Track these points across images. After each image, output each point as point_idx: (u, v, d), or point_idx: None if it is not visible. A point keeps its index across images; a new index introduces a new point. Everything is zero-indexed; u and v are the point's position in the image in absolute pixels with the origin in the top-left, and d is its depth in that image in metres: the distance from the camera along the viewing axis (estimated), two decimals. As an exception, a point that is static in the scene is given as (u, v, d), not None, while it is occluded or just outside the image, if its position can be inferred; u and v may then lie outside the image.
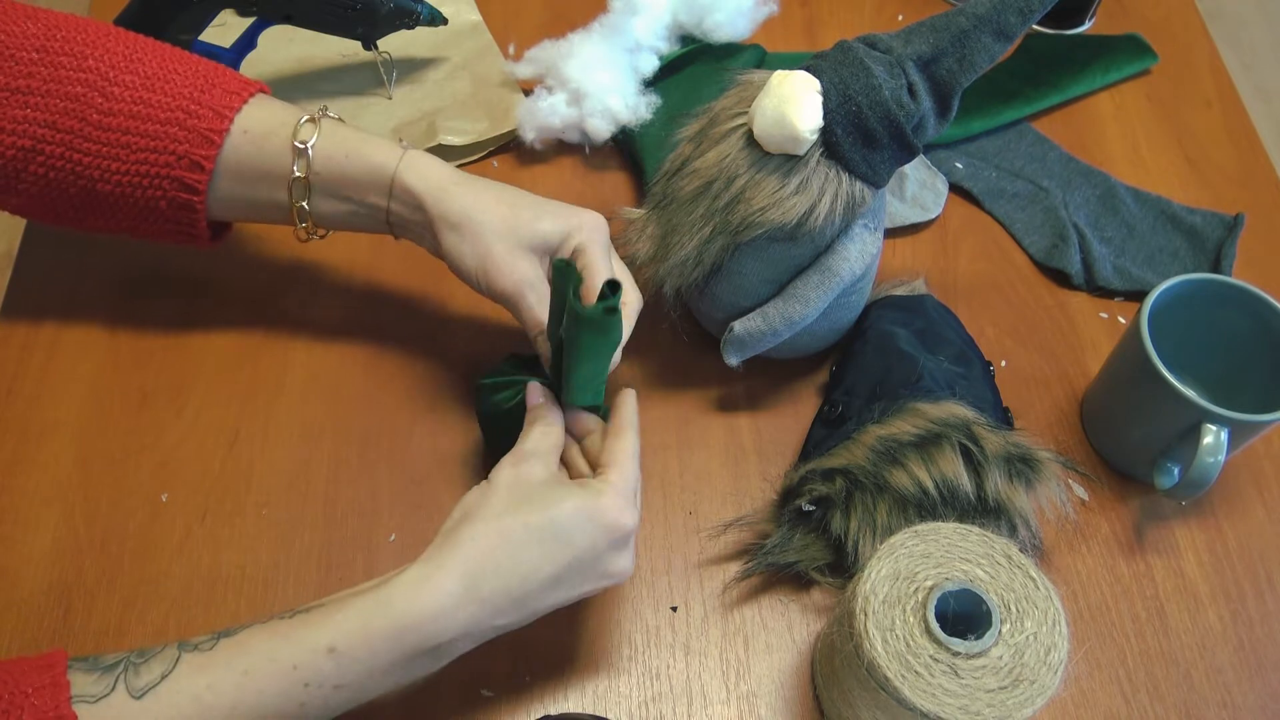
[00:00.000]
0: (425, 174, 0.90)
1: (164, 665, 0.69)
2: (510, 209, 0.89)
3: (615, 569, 0.78)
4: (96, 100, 0.89)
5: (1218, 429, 0.88)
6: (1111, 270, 1.13)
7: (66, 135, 0.89)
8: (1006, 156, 1.23)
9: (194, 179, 0.90)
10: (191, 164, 0.90)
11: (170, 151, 0.90)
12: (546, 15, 1.32)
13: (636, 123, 1.16)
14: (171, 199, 0.92)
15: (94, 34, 0.91)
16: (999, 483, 0.87)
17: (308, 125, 0.90)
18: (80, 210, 0.94)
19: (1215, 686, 0.90)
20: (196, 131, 0.89)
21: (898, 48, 0.87)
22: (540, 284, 0.88)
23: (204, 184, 0.91)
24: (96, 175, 0.90)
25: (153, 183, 0.91)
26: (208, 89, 0.91)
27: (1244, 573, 0.96)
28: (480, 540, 0.74)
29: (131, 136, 0.89)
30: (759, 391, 1.03)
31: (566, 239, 0.89)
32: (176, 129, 0.89)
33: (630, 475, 0.80)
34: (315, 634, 0.71)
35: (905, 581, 0.77)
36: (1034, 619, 0.75)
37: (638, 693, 0.87)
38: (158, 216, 0.93)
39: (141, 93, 0.89)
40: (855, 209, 0.89)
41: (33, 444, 0.96)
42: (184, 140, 0.89)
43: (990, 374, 1.02)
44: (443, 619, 0.72)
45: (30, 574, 0.89)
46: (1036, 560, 0.80)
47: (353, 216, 0.93)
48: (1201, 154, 1.26)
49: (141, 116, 0.89)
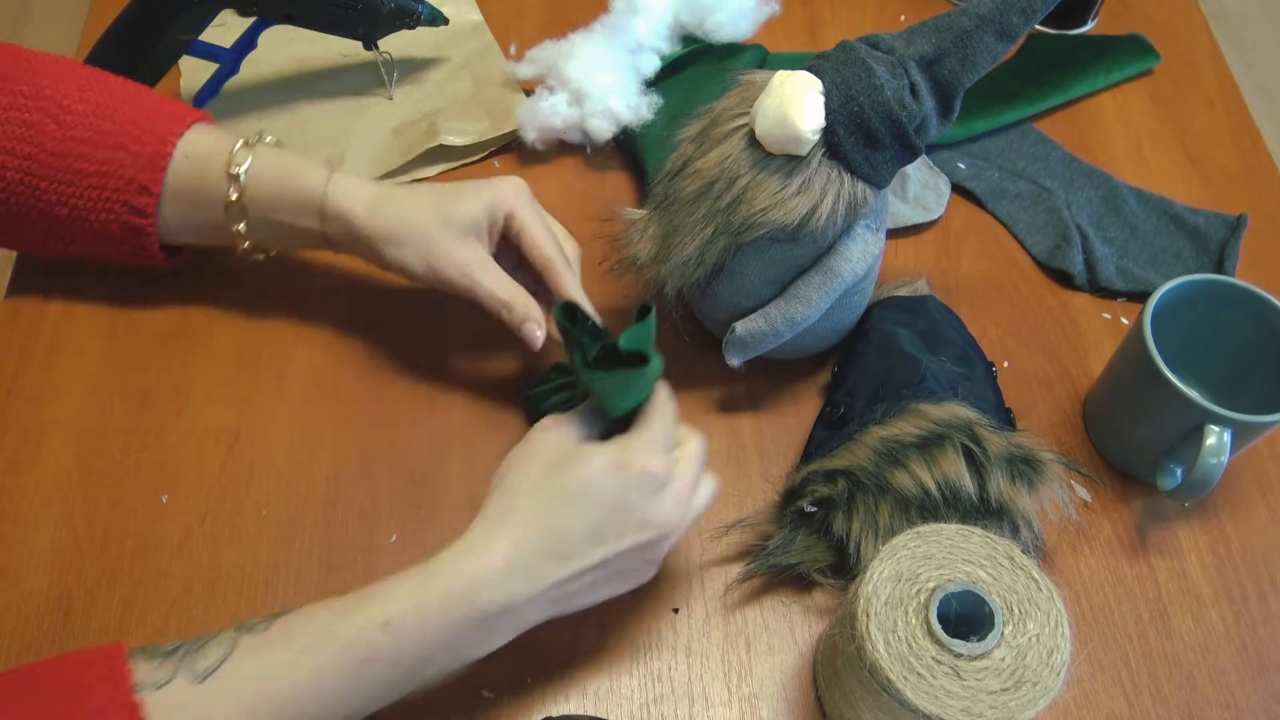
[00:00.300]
0: (352, 192, 0.94)
1: (223, 648, 0.70)
2: (434, 203, 0.93)
3: (655, 516, 0.79)
4: (50, 127, 0.92)
5: (1221, 430, 0.88)
6: (1114, 271, 1.13)
7: (24, 161, 0.93)
8: (1009, 157, 1.23)
9: (142, 203, 0.94)
10: (139, 188, 0.93)
11: (119, 176, 0.93)
12: (547, 15, 1.32)
13: (638, 123, 1.16)
14: (123, 223, 0.95)
15: (51, 66, 0.95)
16: (1001, 484, 0.87)
17: (242, 150, 0.94)
18: (41, 235, 0.97)
19: (1218, 688, 0.90)
20: (142, 156, 0.93)
21: (900, 48, 0.87)
22: (485, 261, 0.93)
23: (152, 207, 0.94)
24: (54, 200, 0.94)
25: (105, 207, 0.94)
26: (153, 116, 0.94)
27: (1247, 574, 0.96)
28: (520, 509, 0.77)
29: (83, 162, 0.93)
30: (761, 392, 1.03)
31: (494, 210, 0.93)
32: (124, 154, 0.93)
33: (659, 429, 0.80)
34: (368, 609, 0.72)
35: (907, 583, 0.76)
36: (1036, 620, 0.75)
37: (639, 694, 0.87)
38: (111, 239, 0.97)
39: (92, 119, 0.93)
40: (857, 209, 0.88)
41: (33, 444, 0.96)
42: (130, 165, 0.93)
43: (993, 374, 1.02)
44: (488, 587, 0.74)
45: (30, 574, 0.89)
46: (1039, 561, 0.79)
47: (292, 238, 0.97)
48: (1204, 154, 1.26)
49: (92, 143, 0.93)
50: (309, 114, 1.20)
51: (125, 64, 1.07)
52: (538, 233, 0.93)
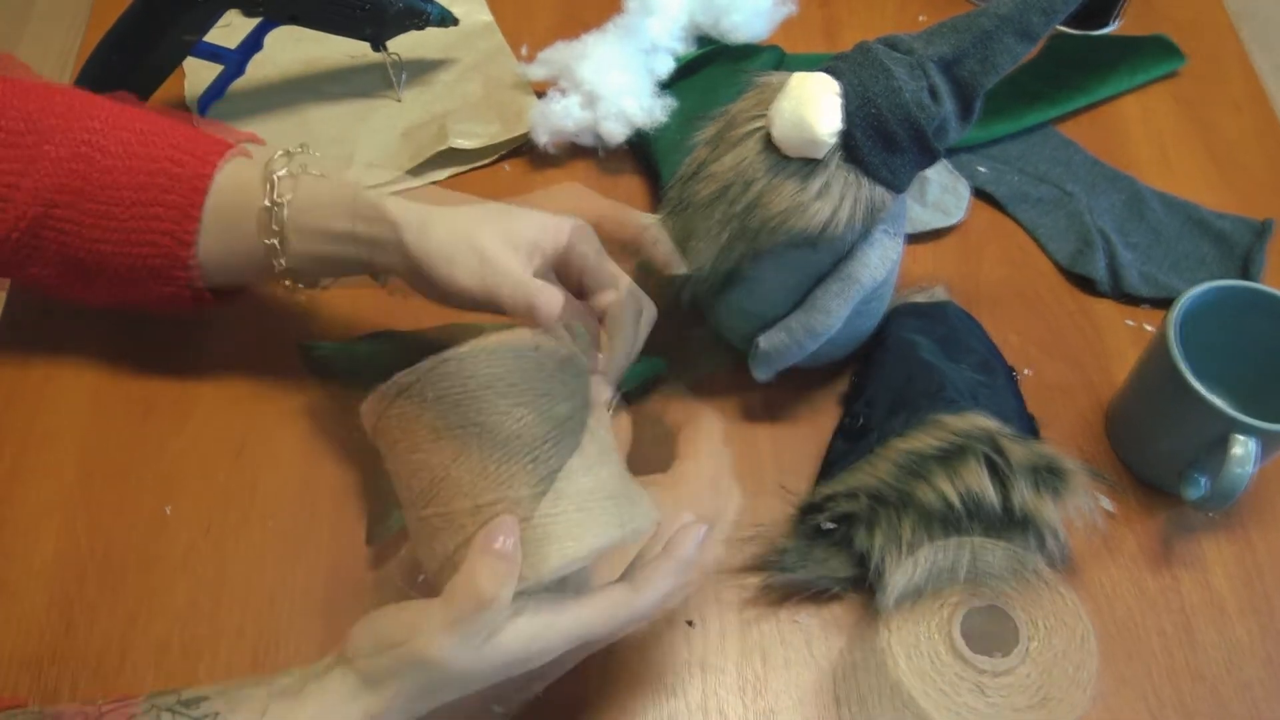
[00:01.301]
0: (401, 205, 0.85)
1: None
2: (491, 221, 0.84)
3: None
4: (96, 158, 0.89)
5: (1247, 439, 0.87)
6: (1138, 276, 1.12)
7: (72, 197, 0.89)
8: (1030, 160, 1.22)
9: (184, 230, 0.90)
10: (181, 214, 0.89)
11: (159, 203, 0.89)
12: (559, 16, 1.32)
13: (652, 125, 1.15)
14: (165, 253, 0.91)
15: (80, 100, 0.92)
16: (1026, 494, 0.86)
17: (281, 158, 0.88)
18: (88, 276, 0.93)
19: (1244, 702, 0.89)
20: (182, 179, 0.89)
21: (919, 49, 0.86)
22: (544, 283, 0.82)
23: (193, 234, 0.90)
24: (99, 235, 0.90)
25: (144, 238, 0.90)
26: (193, 144, 0.91)
27: (1273, 586, 0.95)
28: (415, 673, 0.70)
29: (126, 191, 0.89)
30: (777, 401, 1.02)
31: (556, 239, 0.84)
32: (164, 179, 0.89)
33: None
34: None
35: (930, 598, 0.76)
36: (1062, 636, 0.75)
37: (653, 710, 0.86)
38: (154, 275, 0.92)
39: (136, 147, 0.90)
40: (875, 214, 0.88)
41: (34, 454, 0.96)
42: (172, 189, 0.89)
43: (1014, 381, 1.02)
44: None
45: (31, 587, 0.89)
46: (1064, 572, 0.78)
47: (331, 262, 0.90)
48: (1230, 158, 1.25)
49: (134, 170, 0.89)
50: (316, 116, 1.20)
51: (127, 66, 1.07)
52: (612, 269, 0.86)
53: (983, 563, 0.77)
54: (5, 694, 0.83)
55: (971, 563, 0.78)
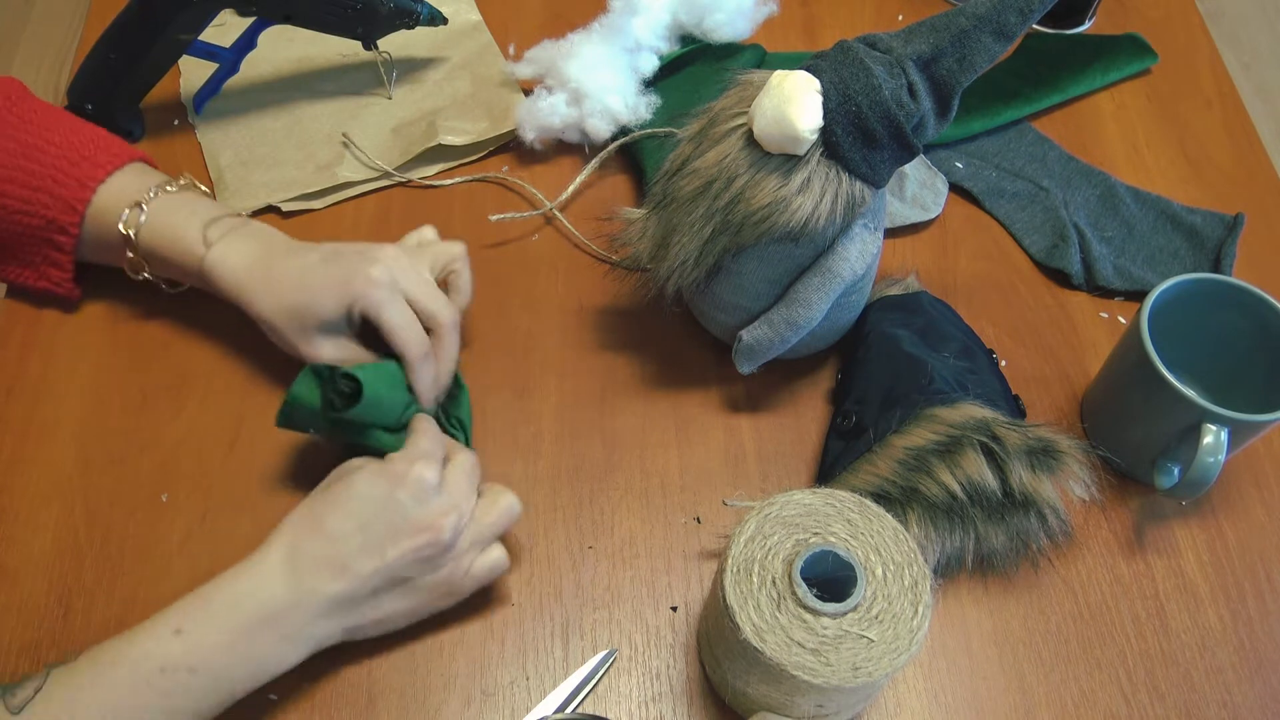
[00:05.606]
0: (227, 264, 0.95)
1: (36, 681, 0.73)
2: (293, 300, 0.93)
3: (425, 519, 0.82)
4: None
5: (1218, 429, 0.88)
6: (1112, 270, 1.13)
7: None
8: (1006, 156, 1.23)
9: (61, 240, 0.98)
10: (59, 228, 0.97)
11: (40, 216, 0.97)
12: (546, 15, 1.32)
13: (636, 123, 1.16)
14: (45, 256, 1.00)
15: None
16: (1023, 476, 0.88)
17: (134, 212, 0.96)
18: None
19: (1215, 686, 0.90)
20: (62, 199, 0.96)
21: (898, 47, 0.87)
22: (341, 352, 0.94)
23: (70, 245, 0.99)
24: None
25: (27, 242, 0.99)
26: (79, 161, 0.97)
27: (1244, 572, 0.96)
28: (292, 521, 0.82)
29: (6, 199, 0.97)
30: (758, 392, 1.03)
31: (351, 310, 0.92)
32: (45, 195, 0.96)
33: (423, 444, 0.86)
34: (163, 620, 0.77)
35: (773, 545, 0.78)
36: (899, 581, 0.77)
37: (638, 692, 0.87)
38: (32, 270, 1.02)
39: (19, 160, 0.96)
40: (855, 209, 0.88)
41: (33, 443, 0.96)
42: (51, 206, 0.96)
43: (995, 363, 1.03)
44: (267, 585, 0.78)
45: (30, 574, 0.89)
46: (1065, 545, 0.83)
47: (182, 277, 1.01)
48: (1202, 154, 1.26)
49: (17, 182, 0.96)
50: (308, 114, 1.20)
51: (124, 64, 1.08)
52: (396, 326, 0.91)
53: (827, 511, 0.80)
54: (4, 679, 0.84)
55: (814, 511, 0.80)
